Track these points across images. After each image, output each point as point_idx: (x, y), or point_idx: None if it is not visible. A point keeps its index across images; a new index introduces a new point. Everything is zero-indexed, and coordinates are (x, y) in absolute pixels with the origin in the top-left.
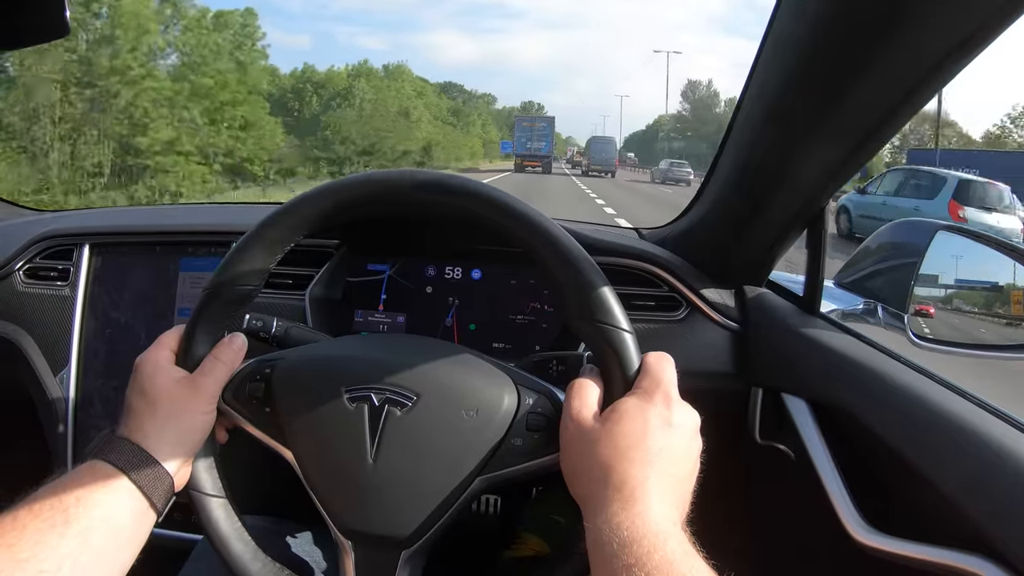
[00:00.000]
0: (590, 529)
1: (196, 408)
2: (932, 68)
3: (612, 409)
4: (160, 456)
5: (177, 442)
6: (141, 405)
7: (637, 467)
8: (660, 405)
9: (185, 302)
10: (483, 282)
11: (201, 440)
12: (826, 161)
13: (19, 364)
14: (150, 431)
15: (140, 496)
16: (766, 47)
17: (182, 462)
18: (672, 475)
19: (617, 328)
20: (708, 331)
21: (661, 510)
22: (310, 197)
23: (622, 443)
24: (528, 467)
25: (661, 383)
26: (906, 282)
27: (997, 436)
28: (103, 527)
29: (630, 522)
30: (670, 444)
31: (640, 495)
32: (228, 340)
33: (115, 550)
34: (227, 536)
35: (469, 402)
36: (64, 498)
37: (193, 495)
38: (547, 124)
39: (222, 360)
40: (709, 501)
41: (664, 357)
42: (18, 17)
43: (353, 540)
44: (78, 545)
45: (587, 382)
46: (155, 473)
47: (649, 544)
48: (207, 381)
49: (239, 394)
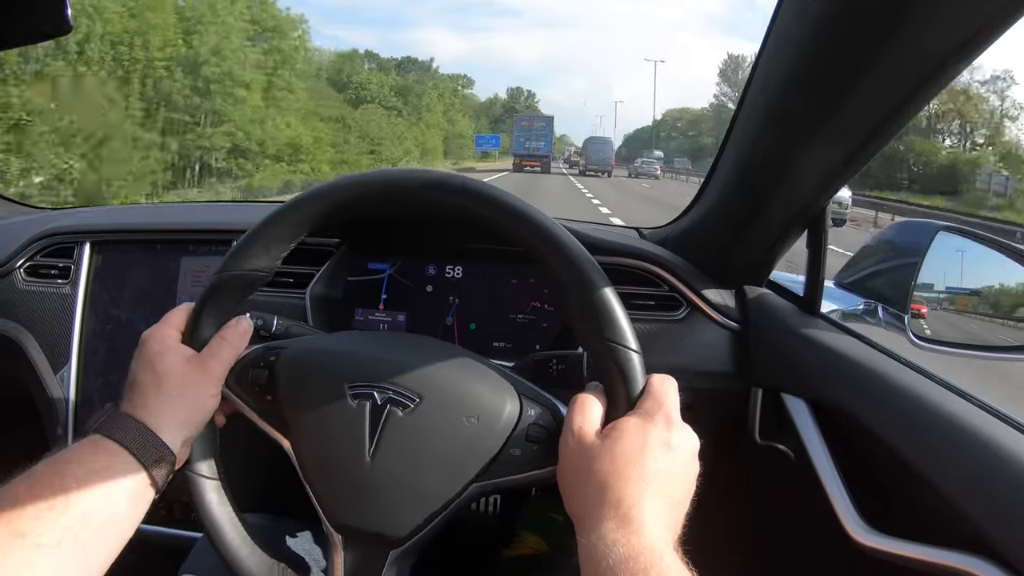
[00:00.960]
0: (584, 545)
1: (203, 389)
2: (934, 67)
3: (613, 427)
4: (164, 434)
5: (181, 422)
6: (147, 380)
7: (634, 486)
8: (661, 426)
9: (185, 296)
10: (483, 281)
11: (204, 422)
12: (827, 161)
13: (19, 362)
14: (155, 408)
15: (142, 474)
16: (768, 47)
17: (184, 442)
18: (668, 496)
19: (625, 348)
20: (708, 331)
21: (656, 530)
22: (313, 194)
23: (620, 461)
24: (524, 478)
25: (663, 405)
26: (906, 282)
27: (997, 437)
28: (103, 503)
29: (625, 540)
30: (668, 465)
31: (636, 514)
32: (235, 323)
33: (115, 525)
34: (220, 519)
35: (471, 408)
36: (64, 473)
37: (189, 476)
38: (546, 124)
39: (229, 341)
40: (708, 501)
41: (668, 379)
42: (18, 15)
43: (344, 535)
44: (78, 520)
45: (590, 398)
46: (158, 451)
47: (645, 562)
48: (214, 362)
49: (242, 380)
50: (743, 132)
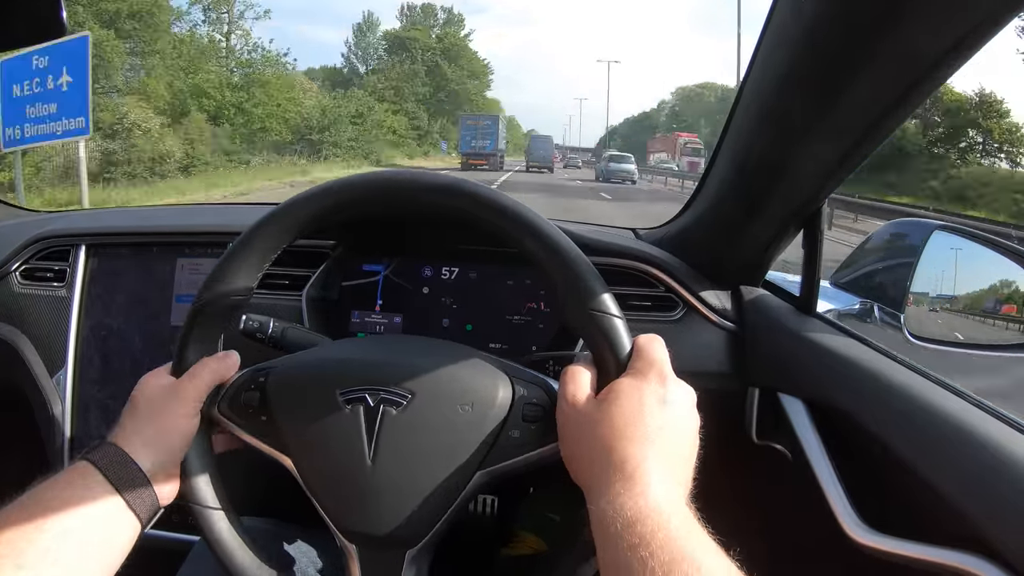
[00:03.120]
0: (593, 511)
1: (175, 410)
2: (929, 67)
3: (608, 390)
4: (136, 455)
5: (152, 443)
6: (127, 408)
7: (636, 445)
8: (655, 383)
9: (183, 289)
10: (479, 282)
11: (181, 446)
12: (823, 160)
13: (15, 365)
14: (130, 433)
15: (114, 495)
16: (763, 46)
17: (160, 464)
18: (672, 452)
19: (606, 314)
20: (704, 331)
21: (663, 488)
22: (300, 200)
23: (619, 422)
24: (528, 458)
25: (655, 362)
26: (902, 282)
27: (994, 436)
28: (82, 523)
29: (633, 502)
30: (668, 421)
31: (641, 474)
32: (222, 355)
33: (96, 546)
34: (231, 548)
35: (464, 397)
36: (47, 496)
37: (195, 509)
38: (492, 122)
39: (209, 367)
40: (706, 501)
41: (655, 338)
42: (13, 17)
43: (357, 543)
44: (56, 540)
45: (580, 368)
46: (127, 471)
47: (653, 523)
48: (190, 385)
49: (234, 404)
50: (739, 131)
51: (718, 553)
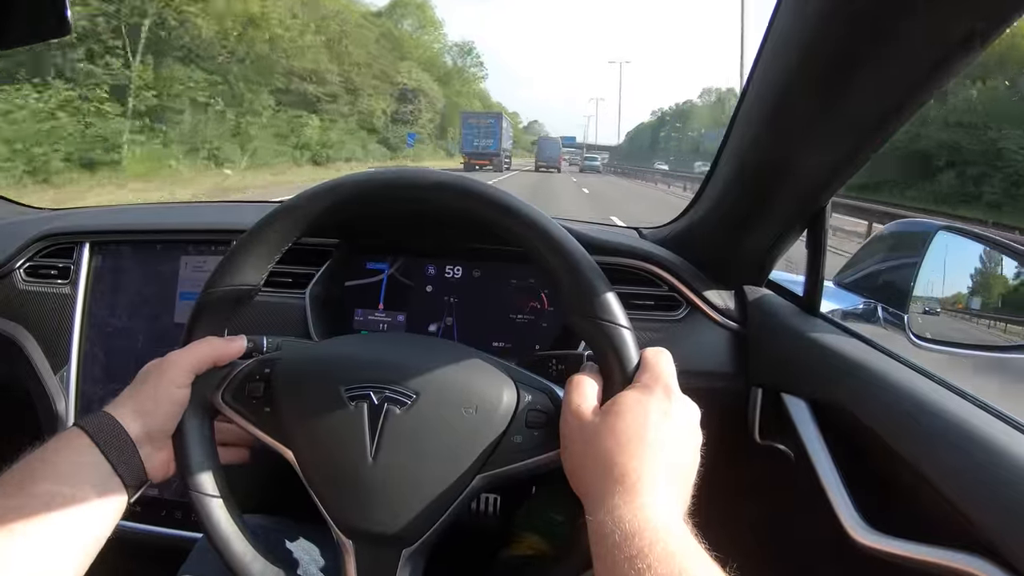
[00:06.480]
0: (592, 522)
1: (166, 379)
2: (934, 66)
3: (612, 402)
4: (124, 421)
5: (142, 411)
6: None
7: (638, 459)
8: (660, 398)
9: (187, 286)
10: (483, 281)
11: (172, 412)
12: (827, 159)
13: (19, 362)
14: (123, 401)
15: (101, 456)
16: (767, 46)
17: (147, 430)
18: (673, 467)
19: (615, 324)
20: (708, 331)
21: (663, 503)
22: (308, 196)
23: (622, 436)
24: (528, 464)
25: (661, 376)
26: (906, 282)
27: (998, 436)
28: (71, 491)
29: (632, 515)
30: (671, 436)
31: (641, 488)
32: (229, 337)
33: (87, 512)
34: (228, 537)
35: (468, 400)
36: (37, 460)
37: (194, 496)
38: (495, 120)
39: (210, 343)
40: (708, 501)
41: (662, 352)
42: (18, 16)
43: (354, 539)
44: (47, 506)
45: (586, 378)
46: (116, 435)
47: (651, 536)
48: (186, 354)
49: (239, 395)
50: (742, 131)
51: (715, 570)
